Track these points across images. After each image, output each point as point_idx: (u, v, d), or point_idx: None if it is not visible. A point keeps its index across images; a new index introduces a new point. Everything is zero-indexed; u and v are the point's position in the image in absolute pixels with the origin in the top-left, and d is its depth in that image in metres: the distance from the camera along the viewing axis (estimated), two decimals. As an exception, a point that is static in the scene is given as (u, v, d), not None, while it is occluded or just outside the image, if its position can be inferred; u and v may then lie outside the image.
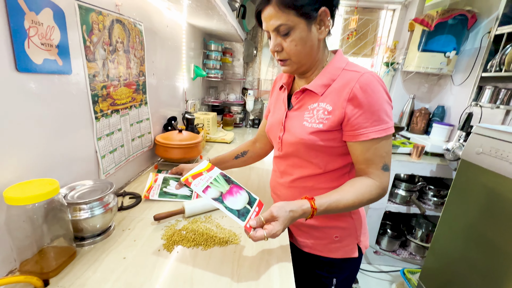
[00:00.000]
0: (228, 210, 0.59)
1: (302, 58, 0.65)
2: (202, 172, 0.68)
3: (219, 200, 0.61)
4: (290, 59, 0.66)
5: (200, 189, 0.62)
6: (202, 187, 0.63)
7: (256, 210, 0.65)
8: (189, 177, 0.64)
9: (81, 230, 0.65)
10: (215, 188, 0.64)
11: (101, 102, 0.81)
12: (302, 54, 0.65)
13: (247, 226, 0.57)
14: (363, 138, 0.62)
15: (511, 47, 1.34)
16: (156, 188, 0.93)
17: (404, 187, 1.87)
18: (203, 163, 0.72)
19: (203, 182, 0.64)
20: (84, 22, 0.70)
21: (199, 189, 0.62)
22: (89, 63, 0.74)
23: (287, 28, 0.61)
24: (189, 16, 1.40)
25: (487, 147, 0.97)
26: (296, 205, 0.59)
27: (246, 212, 0.62)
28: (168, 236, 0.72)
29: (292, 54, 0.64)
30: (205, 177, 0.66)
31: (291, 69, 0.69)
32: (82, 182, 0.71)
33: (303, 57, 0.65)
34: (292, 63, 0.67)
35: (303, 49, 0.64)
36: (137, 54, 1.00)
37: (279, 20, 0.60)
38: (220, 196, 0.63)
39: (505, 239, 0.91)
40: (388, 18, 2.35)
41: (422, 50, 1.96)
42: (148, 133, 1.18)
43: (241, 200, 0.65)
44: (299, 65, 0.67)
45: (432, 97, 2.25)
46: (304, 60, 0.66)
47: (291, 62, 0.66)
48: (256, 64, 2.39)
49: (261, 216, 0.57)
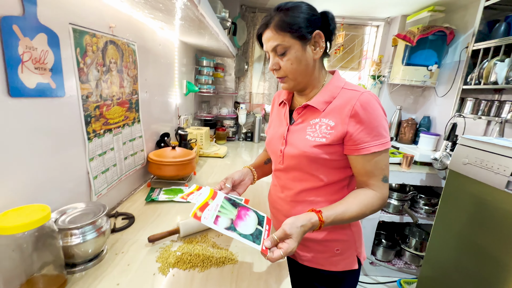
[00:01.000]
0: (242, 237, 0.58)
1: (298, 75, 0.70)
2: (207, 202, 0.65)
3: (232, 229, 0.59)
4: (287, 76, 0.71)
5: (211, 222, 0.59)
6: (212, 218, 0.60)
7: (267, 229, 0.65)
8: (197, 211, 0.60)
9: (72, 256, 0.63)
10: (224, 216, 0.62)
11: (94, 122, 0.81)
12: (298, 72, 0.69)
13: (263, 248, 0.57)
14: (365, 152, 0.66)
15: (488, 62, 1.43)
16: (213, 208, 0.64)
17: (396, 197, 1.90)
18: (205, 190, 0.70)
19: (211, 212, 0.62)
20: (78, 44, 0.71)
21: (210, 222, 0.59)
22: (82, 84, 0.74)
23: (283, 48, 0.67)
24: (181, 34, 1.43)
25: (473, 158, 1.01)
26: (305, 219, 0.61)
27: (259, 233, 0.61)
28: (163, 258, 0.70)
29: (289, 72, 0.69)
30: (212, 206, 0.64)
31: (289, 86, 0.73)
32: (74, 205, 0.69)
33: (298, 74, 0.70)
34: (289, 80, 0.71)
35: (298, 67, 0.68)
36: (130, 73, 1.01)
37: (276, 41, 0.66)
38: (232, 224, 0.61)
39: (496, 247, 0.93)
40: (373, 33, 2.46)
41: (406, 64, 2.05)
42: (141, 151, 1.16)
43: (251, 222, 0.64)
44: (296, 82, 0.72)
45: (418, 108, 2.34)
46: (300, 77, 0.71)
47: (288, 79, 0.71)
48: (248, 79, 2.43)
49: (274, 235, 0.58)
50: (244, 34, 2.27)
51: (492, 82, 1.38)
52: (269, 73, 2.42)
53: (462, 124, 1.71)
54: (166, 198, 1.04)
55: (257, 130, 2.36)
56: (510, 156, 0.88)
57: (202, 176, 1.38)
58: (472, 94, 1.67)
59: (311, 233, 0.76)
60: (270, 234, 0.61)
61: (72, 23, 0.68)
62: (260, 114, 2.40)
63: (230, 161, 1.74)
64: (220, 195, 0.70)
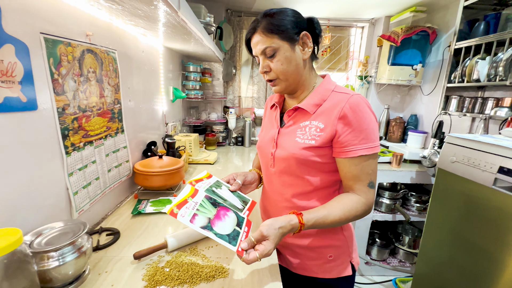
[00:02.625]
0: (218, 237, 0.58)
1: (289, 76, 0.70)
2: (186, 199, 0.65)
3: (208, 228, 0.59)
4: (278, 77, 0.70)
5: (187, 219, 0.59)
6: (189, 216, 0.60)
7: (245, 231, 0.64)
8: (174, 208, 0.61)
9: (51, 281, 0.59)
10: (202, 215, 0.62)
11: (72, 135, 0.77)
12: (289, 72, 0.69)
13: (239, 249, 0.57)
14: (352, 155, 0.65)
15: (470, 60, 1.46)
16: (191, 207, 0.63)
17: (388, 196, 1.91)
18: (186, 187, 0.69)
19: (189, 210, 0.62)
20: (51, 54, 0.67)
21: (186, 220, 0.59)
22: (58, 96, 0.70)
23: (272, 50, 0.67)
24: (165, 40, 1.40)
25: (460, 156, 1.02)
26: (284, 221, 0.60)
27: (236, 235, 0.61)
28: (149, 276, 0.67)
29: (279, 73, 0.69)
30: (191, 204, 0.64)
31: (281, 88, 0.73)
32: (51, 225, 0.65)
33: (289, 75, 0.70)
34: (280, 81, 0.71)
35: (288, 67, 0.69)
36: (111, 82, 0.97)
37: (265, 44, 0.67)
38: (208, 223, 0.61)
39: (486, 243, 0.93)
40: (358, 35, 2.49)
41: (392, 64, 2.08)
42: (126, 162, 1.12)
43: (229, 223, 0.63)
44: (287, 84, 0.72)
45: (405, 106, 2.38)
46: (291, 78, 0.71)
47: (280, 81, 0.71)
48: (236, 83, 2.41)
49: (252, 237, 0.58)
50: (231, 38, 2.25)
51: (475, 80, 1.41)
52: (258, 76, 2.41)
53: (448, 121, 1.74)
54: (153, 210, 1.00)
55: (248, 134, 2.34)
56: (496, 153, 0.89)
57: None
58: (457, 92, 1.71)
59: (302, 239, 0.74)
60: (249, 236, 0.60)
61: (44, 32, 0.65)
62: (250, 118, 2.38)
63: (221, 166, 1.71)
64: (201, 193, 0.69)
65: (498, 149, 0.89)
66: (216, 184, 0.77)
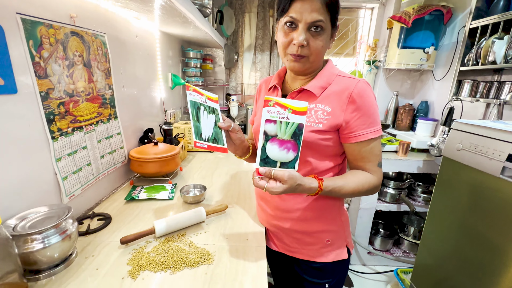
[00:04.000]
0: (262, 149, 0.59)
1: (318, 59, 0.68)
2: None
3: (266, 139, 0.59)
4: (309, 56, 0.66)
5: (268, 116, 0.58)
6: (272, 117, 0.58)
7: None
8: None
9: (35, 263, 0.60)
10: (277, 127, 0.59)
11: (59, 120, 0.76)
12: (320, 56, 0.68)
13: (258, 168, 0.60)
14: (362, 139, 0.67)
15: (486, 40, 1.34)
16: None
17: (393, 185, 1.85)
18: None
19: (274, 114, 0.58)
20: (30, 36, 0.65)
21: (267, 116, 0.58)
22: (40, 80, 0.69)
23: (323, 27, 0.63)
24: (161, 24, 1.36)
25: (467, 143, 0.95)
26: (307, 182, 0.62)
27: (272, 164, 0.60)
28: (134, 261, 0.67)
29: (315, 52, 0.65)
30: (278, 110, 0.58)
31: (303, 67, 0.68)
32: (36, 210, 0.66)
33: (319, 58, 0.68)
34: (307, 61, 0.67)
35: (322, 50, 0.67)
36: (101, 67, 0.95)
37: (321, 16, 0.62)
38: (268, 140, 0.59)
39: (491, 234, 0.88)
40: (367, 16, 2.35)
41: (402, 47, 1.96)
42: (121, 148, 1.12)
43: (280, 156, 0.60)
44: (310, 65, 0.69)
45: (415, 93, 2.26)
46: (317, 61, 0.69)
47: (307, 60, 0.67)
48: (238, 69, 2.36)
49: (273, 171, 0.59)
50: (233, 23, 2.18)
51: (491, 62, 1.30)
52: (260, 63, 2.34)
53: (460, 108, 1.64)
54: (146, 196, 1.00)
55: (250, 122, 2.31)
56: (506, 140, 0.82)
57: (189, 171, 1.34)
58: (471, 75, 1.59)
59: (300, 224, 0.76)
60: None
61: (21, 13, 0.63)
62: (252, 106, 2.34)
63: (222, 154, 1.69)
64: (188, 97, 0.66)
65: (508, 135, 0.82)
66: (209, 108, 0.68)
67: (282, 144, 0.59)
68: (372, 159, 0.70)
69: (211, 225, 0.86)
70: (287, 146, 0.59)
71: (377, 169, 0.71)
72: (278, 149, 0.59)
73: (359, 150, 0.69)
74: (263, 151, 0.59)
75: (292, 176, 0.58)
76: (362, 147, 0.68)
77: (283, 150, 0.59)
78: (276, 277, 1.01)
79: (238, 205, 1.00)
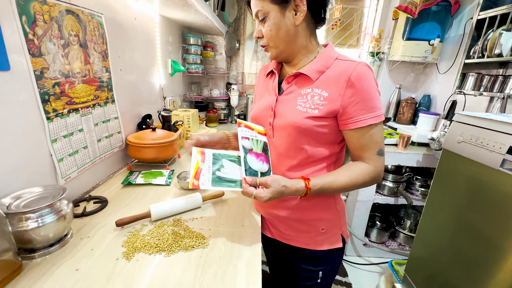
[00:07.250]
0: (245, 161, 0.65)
1: (278, 43, 0.67)
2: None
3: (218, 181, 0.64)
4: (269, 44, 0.68)
5: (210, 185, 0.63)
6: (209, 181, 0.63)
7: None
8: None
9: (30, 242, 0.60)
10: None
11: (54, 101, 0.75)
12: (278, 40, 0.66)
13: (245, 178, 0.63)
14: (361, 125, 0.64)
15: (493, 32, 1.31)
16: (207, 171, 0.66)
17: (391, 179, 1.84)
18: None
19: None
20: (23, 12, 0.63)
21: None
22: (34, 58, 0.67)
23: (263, 14, 0.64)
24: (161, 7, 1.33)
25: (468, 135, 0.94)
26: (291, 182, 0.64)
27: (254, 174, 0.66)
28: (129, 243, 0.67)
29: (269, 39, 0.67)
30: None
31: (272, 54, 0.71)
32: (31, 190, 0.65)
33: (279, 42, 0.67)
34: (271, 48, 0.69)
35: (277, 34, 0.65)
36: (98, 48, 0.93)
37: (257, 7, 0.65)
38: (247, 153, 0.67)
39: (489, 228, 0.88)
40: (373, 6, 2.30)
41: (407, 39, 1.92)
42: (118, 133, 1.11)
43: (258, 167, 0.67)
44: (278, 51, 0.69)
45: (418, 86, 2.23)
46: (282, 45, 0.67)
47: (270, 48, 0.69)
48: (240, 58, 2.32)
49: (257, 179, 0.63)
50: (235, 10, 2.13)
51: (497, 55, 1.28)
52: (262, 52, 2.31)
53: (463, 102, 1.62)
54: (143, 181, 1.00)
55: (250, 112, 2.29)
56: (507, 132, 0.80)
57: (187, 158, 1.33)
58: (475, 69, 1.56)
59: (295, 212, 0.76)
60: None
61: (13, -13, 0.61)
62: (253, 96, 2.31)
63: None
64: (208, 154, 0.70)
65: (510, 127, 0.80)
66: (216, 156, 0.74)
67: (258, 156, 0.68)
68: (371, 147, 0.66)
69: (207, 211, 0.86)
70: (261, 158, 0.69)
71: (376, 157, 0.67)
72: (256, 160, 0.67)
73: (358, 137, 0.65)
74: (245, 162, 0.65)
75: (274, 179, 0.62)
76: (361, 134, 0.65)
77: (259, 161, 0.68)
78: (271, 265, 1.02)
79: (235, 192, 0.99)
